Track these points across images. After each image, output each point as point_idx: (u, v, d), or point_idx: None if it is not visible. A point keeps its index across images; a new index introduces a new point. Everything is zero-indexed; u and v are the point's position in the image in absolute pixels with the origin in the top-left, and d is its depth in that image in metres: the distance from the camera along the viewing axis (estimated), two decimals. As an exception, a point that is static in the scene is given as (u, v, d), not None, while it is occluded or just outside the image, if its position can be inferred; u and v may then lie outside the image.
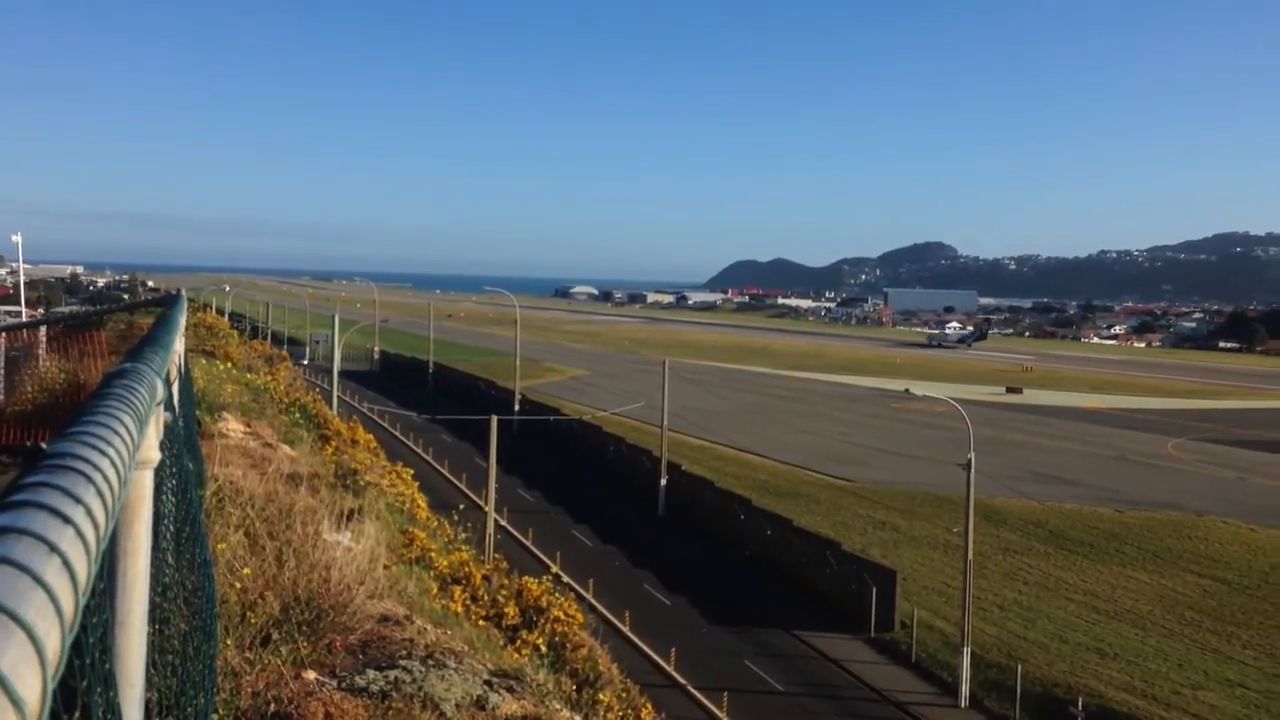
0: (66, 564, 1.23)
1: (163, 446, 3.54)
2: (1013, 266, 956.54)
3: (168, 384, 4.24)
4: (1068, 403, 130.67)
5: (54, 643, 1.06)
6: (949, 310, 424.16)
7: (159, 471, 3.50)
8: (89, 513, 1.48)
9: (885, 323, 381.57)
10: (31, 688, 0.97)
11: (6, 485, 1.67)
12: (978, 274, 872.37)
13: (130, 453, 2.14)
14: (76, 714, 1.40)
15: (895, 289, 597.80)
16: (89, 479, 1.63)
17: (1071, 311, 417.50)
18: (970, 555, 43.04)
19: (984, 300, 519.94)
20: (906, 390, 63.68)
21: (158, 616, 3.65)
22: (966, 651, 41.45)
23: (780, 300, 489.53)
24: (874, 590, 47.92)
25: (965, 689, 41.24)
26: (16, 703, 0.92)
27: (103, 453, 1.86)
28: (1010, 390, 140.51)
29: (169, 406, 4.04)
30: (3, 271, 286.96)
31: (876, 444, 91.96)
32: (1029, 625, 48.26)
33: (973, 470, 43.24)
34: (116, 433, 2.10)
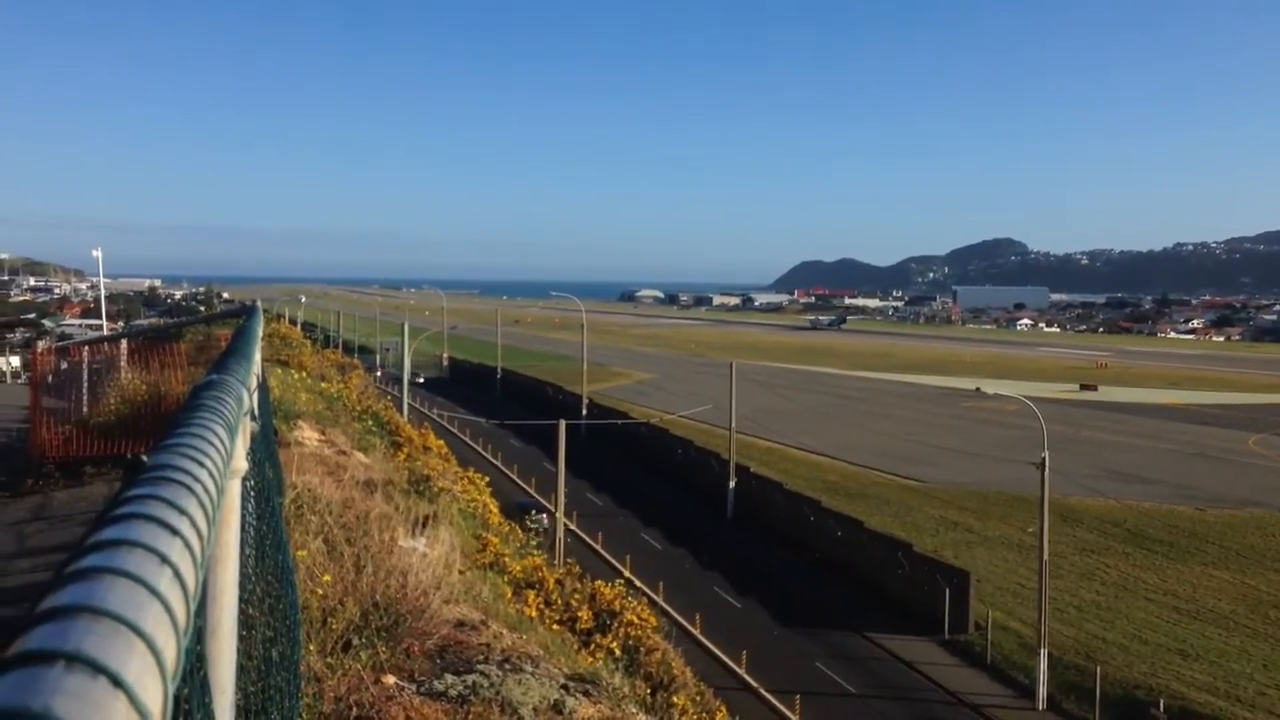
0: (178, 575, 1.26)
1: (249, 456, 3.61)
2: (1085, 261, 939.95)
3: (251, 394, 4.32)
4: (1144, 399, 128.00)
5: (171, 653, 1.08)
6: (1019, 307, 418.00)
7: (245, 480, 3.57)
8: (193, 523, 1.51)
9: (954, 321, 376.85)
10: (154, 698, 1.00)
11: (110, 496, 1.72)
12: (1049, 270, 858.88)
13: (225, 463, 2.18)
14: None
15: (964, 286, 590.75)
16: (190, 490, 1.67)
17: (1147, 306, 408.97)
18: (1046, 555, 42.35)
19: (1056, 296, 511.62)
20: (977, 389, 62.97)
21: (244, 623, 3.71)
22: (1044, 653, 40.78)
23: (847, 300, 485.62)
24: (947, 592, 47.37)
25: (1042, 691, 40.57)
26: (143, 713, 0.96)
27: (200, 464, 1.90)
28: (1084, 387, 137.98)
29: (254, 416, 4.12)
30: (84, 286, 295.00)
31: (947, 443, 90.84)
32: (1108, 626, 47.37)
33: (1047, 469, 42.55)
34: (212, 443, 2.14)
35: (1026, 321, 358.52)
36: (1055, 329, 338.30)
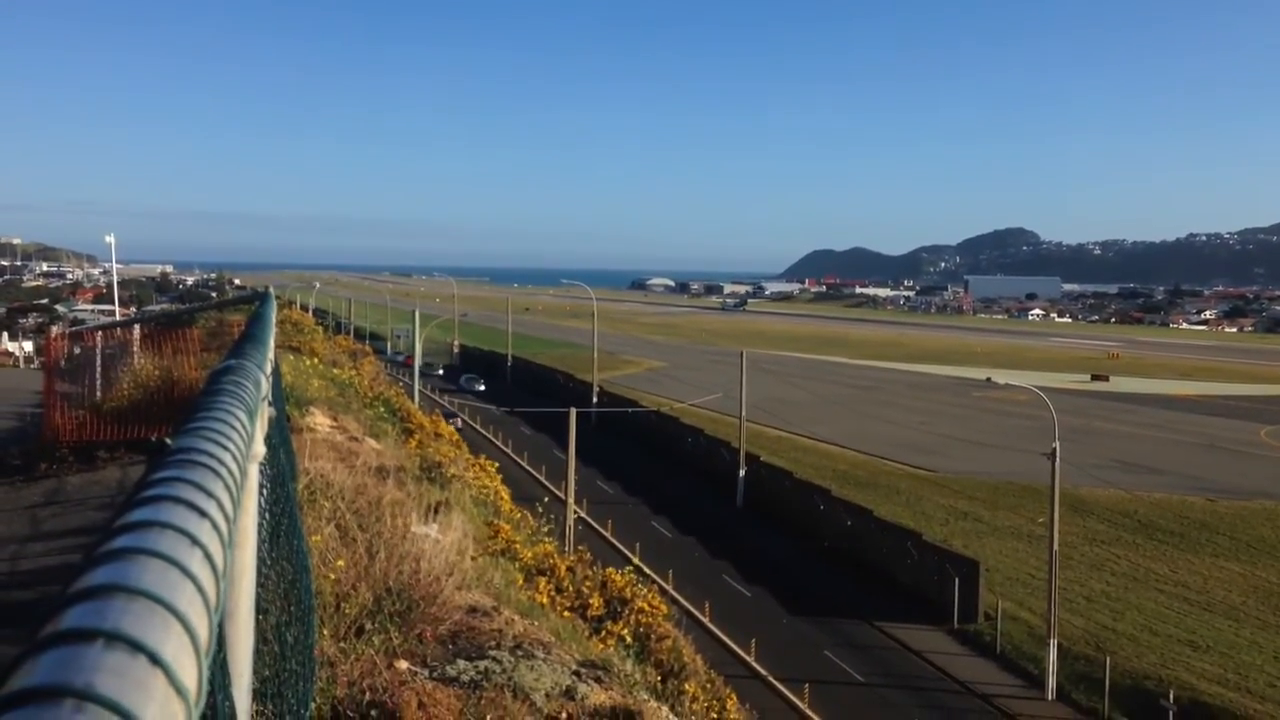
0: (208, 555, 1.27)
1: (267, 440, 3.62)
2: (1097, 252, 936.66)
3: (268, 380, 4.33)
4: (1156, 390, 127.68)
5: (204, 632, 1.09)
6: (1031, 297, 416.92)
7: (261, 465, 3.58)
8: (220, 506, 1.52)
9: (965, 310, 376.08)
10: (190, 676, 1.01)
11: (124, 480, 1.73)
12: (1061, 260, 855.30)
13: (247, 446, 2.20)
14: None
15: (976, 276, 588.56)
16: (216, 473, 1.68)
17: (1159, 296, 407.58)
18: (1055, 545, 42.28)
19: (1068, 286, 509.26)
20: (988, 379, 62.73)
21: (259, 607, 3.73)
22: (1053, 643, 40.75)
23: (858, 289, 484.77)
24: (956, 581, 47.35)
25: (1052, 681, 40.56)
26: (180, 691, 0.97)
27: (224, 447, 1.92)
28: (1096, 378, 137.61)
29: (272, 401, 4.13)
30: (97, 272, 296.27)
31: (957, 433, 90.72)
32: (1117, 617, 47.32)
33: (1058, 459, 42.45)
34: (234, 428, 2.16)
35: (1038, 312, 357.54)
36: (1067, 319, 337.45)
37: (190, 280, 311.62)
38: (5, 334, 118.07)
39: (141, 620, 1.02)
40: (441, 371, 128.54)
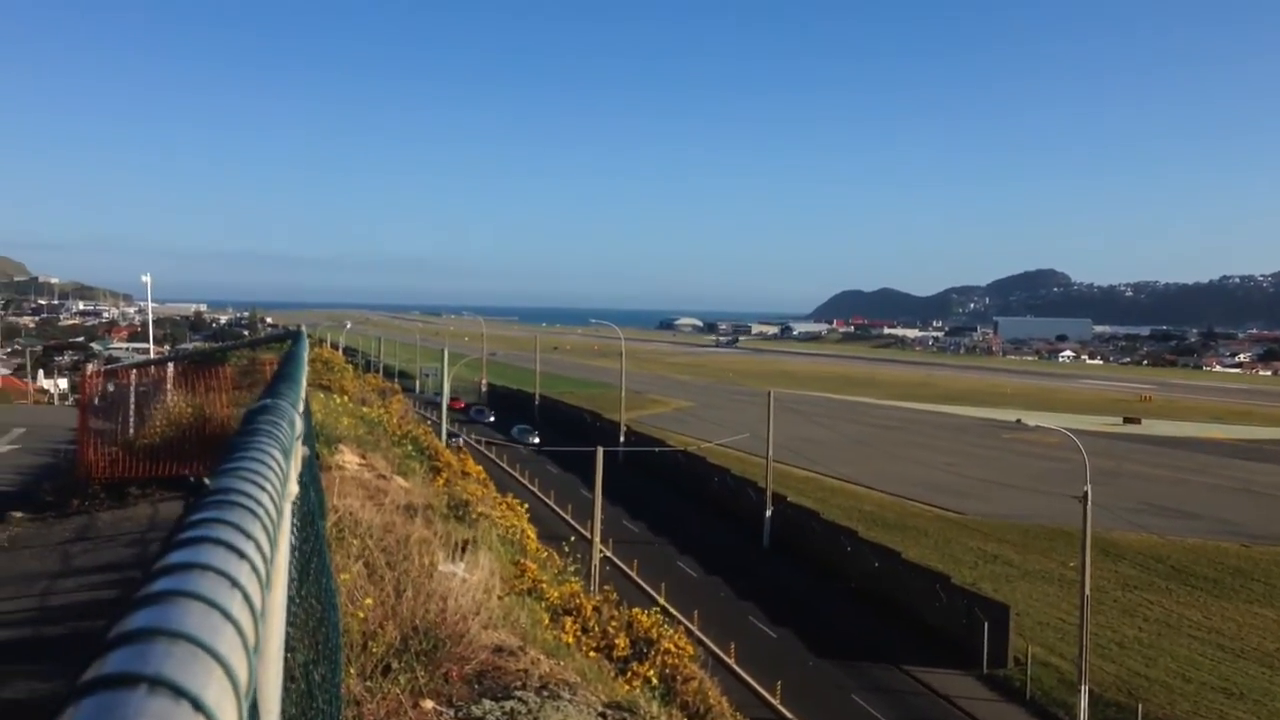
0: (247, 598, 1.30)
1: (299, 478, 3.66)
2: (1129, 293, 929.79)
3: (302, 418, 4.38)
4: (1189, 433, 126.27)
5: (244, 676, 1.12)
6: (1061, 339, 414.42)
7: (293, 503, 3.62)
8: (259, 547, 1.55)
9: (995, 351, 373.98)
10: (229, 713, 1.02)
11: (177, 518, 1.76)
12: (1092, 301, 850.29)
13: (283, 487, 2.23)
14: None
15: (1005, 318, 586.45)
16: (254, 514, 1.71)
17: (1192, 339, 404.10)
18: (1087, 590, 41.77)
19: (1099, 328, 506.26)
20: (1018, 421, 62.23)
21: (288, 645, 3.76)
22: (1084, 690, 40.17)
23: (886, 330, 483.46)
24: (986, 625, 46.79)
25: (1084, 729, 39.96)
26: (220, 736, 0.98)
27: (261, 488, 1.95)
28: (1128, 420, 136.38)
29: (306, 441, 4.18)
30: (132, 310, 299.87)
31: (987, 475, 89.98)
32: (1150, 663, 46.61)
33: (1089, 502, 42.04)
34: (271, 468, 2.19)
35: (1069, 353, 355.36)
36: (1098, 361, 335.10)
37: (223, 319, 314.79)
38: (41, 371, 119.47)
39: (184, 665, 1.02)
40: (492, 419, 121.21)
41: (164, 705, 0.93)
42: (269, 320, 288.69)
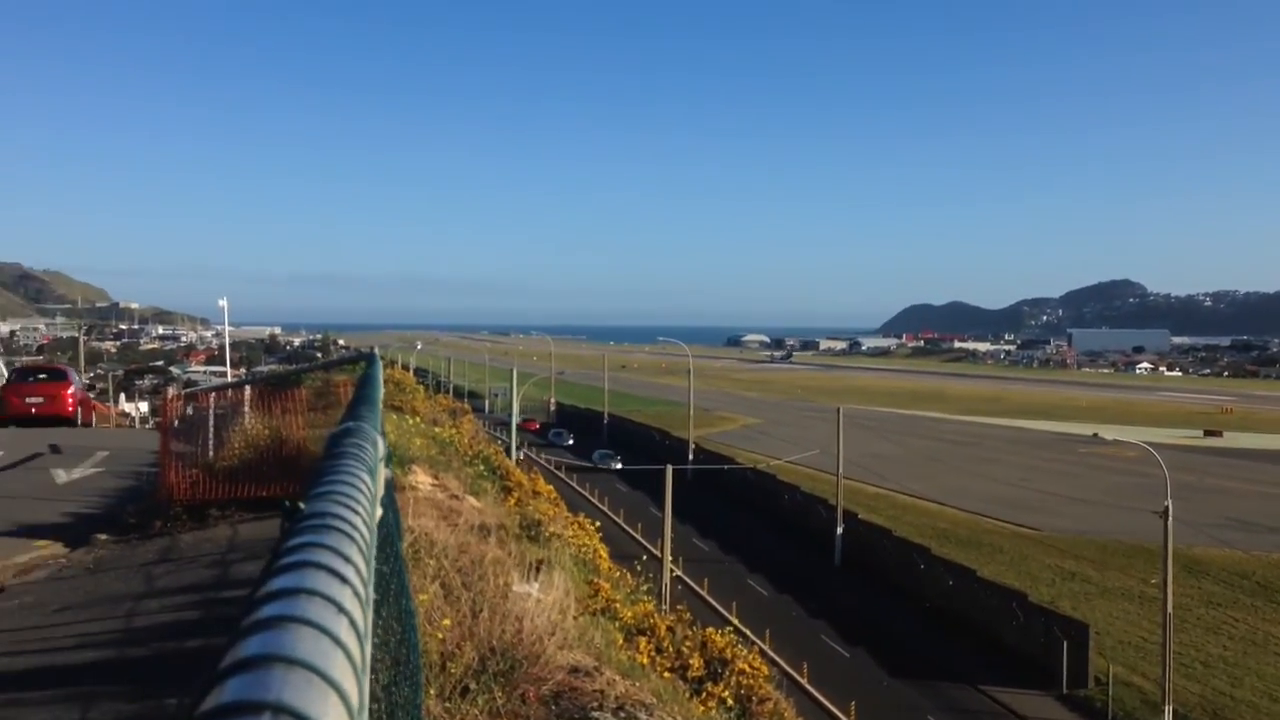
0: (353, 623, 1.30)
1: (382, 502, 3.69)
2: (1208, 303, 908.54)
3: (384, 439, 4.42)
4: (1272, 445, 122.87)
5: (355, 701, 1.12)
6: (1138, 350, 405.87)
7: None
8: (357, 571, 1.55)
9: (1069, 364, 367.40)
10: (346, 747, 1.02)
11: (275, 542, 1.78)
12: (1169, 312, 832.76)
13: (373, 509, 2.24)
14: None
15: (1079, 330, 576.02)
16: (351, 537, 1.72)
17: (1275, 349, 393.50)
18: (1170, 608, 40.80)
19: (1177, 339, 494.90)
20: (1095, 434, 61.14)
21: (370, 666, 3.79)
22: (1169, 710, 39.20)
23: (957, 344, 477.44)
24: (1064, 644, 45.86)
25: (1169, 751, 38.97)
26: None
27: (355, 510, 1.96)
28: (1209, 433, 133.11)
29: (385, 463, 4.21)
30: (209, 334, 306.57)
31: (1063, 490, 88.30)
32: (1236, 683, 45.33)
33: (1170, 517, 41.09)
34: (361, 490, 2.20)
35: (1146, 365, 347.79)
36: (1177, 373, 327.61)
37: (297, 341, 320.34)
38: (123, 395, 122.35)
39: (302, 692, 1.02)
40: (571, 441, 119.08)
41: None
42: (341, 342, 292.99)
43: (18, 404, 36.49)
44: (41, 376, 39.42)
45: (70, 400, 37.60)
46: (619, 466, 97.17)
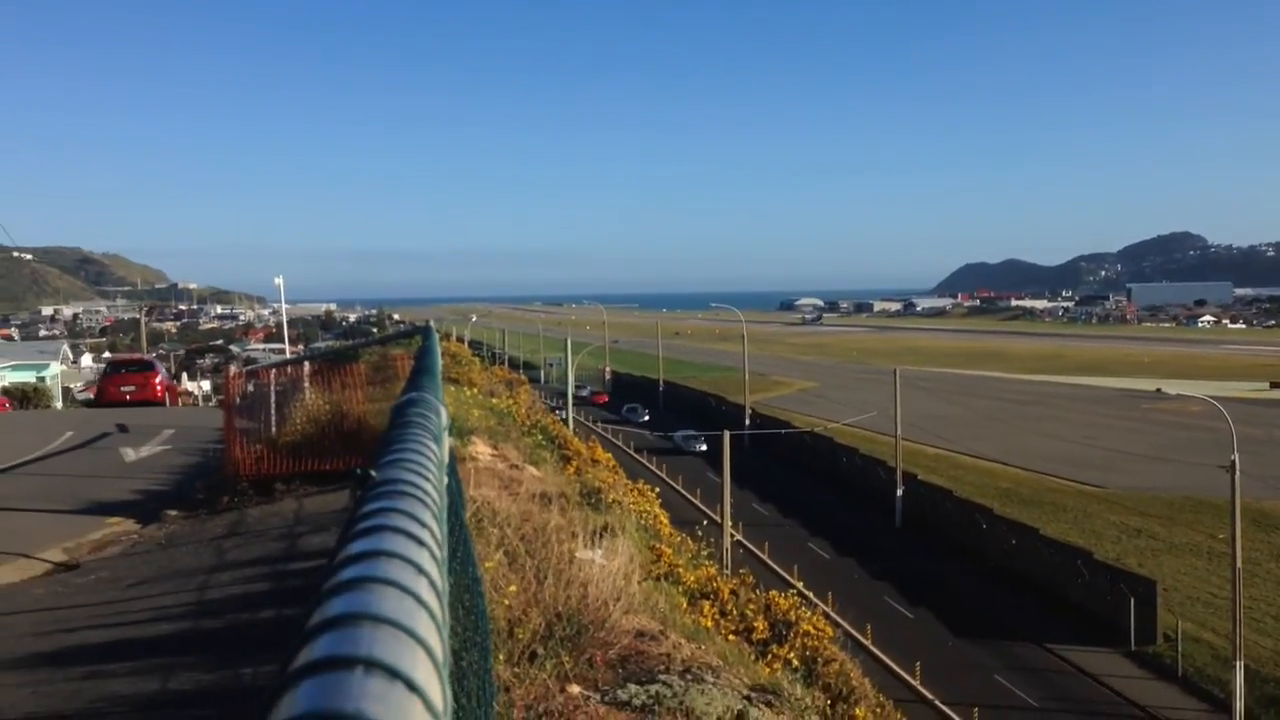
0: (432, 583, 1.31)
1: (445, 471, 3.72)
2: (1271, 253, 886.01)
3: (446, 409, 4.46)
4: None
5: (441, 657, 1.12)
6: (1200, 303, 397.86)
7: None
8: (433, 534, 1.56)
9: (1129, 320, 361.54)
10: (439, 700, 1.04)
11: (351, 508, 1.79)
12: (1231, 263, 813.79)
13: (440, 475, 2.26)
14: None
15: (1139, 284, 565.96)
16: (424, 502, 1.73)
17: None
18: (1239, 562, 40.15)
19: (1240, 291, 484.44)
20: (1158, 390, 60.22)
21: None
22: (1240, 665, 38.62)
23: (1014, 302, 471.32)
24: (1131, 601, 45.38)
25: (1239, 705, 38.42)
26: (436, 715, 1.01)
27: (424, 477, 1.97)
28: (1275, 385, 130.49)
29: (450, 432, 4.25)
30: (266, 312, 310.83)
31: (1126, 447, 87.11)
32: (1310, 638, 44.67)
33: (1237, 471, 40.38)
34: (428, 458, 2.22)
35: (1209, 318, 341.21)
36: (1240, 325, 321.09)
37: (352, 317, 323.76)
38: (185, 374, 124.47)
39: (392, 648, 1.04)
40: (647, 417, 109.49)
41: (381, 686, 0.96)
42: (396, 317, 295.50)
43: (114, 392, 42.51)
44: (133, 367, 45.69)
45: (159, 387, 43.31)
46: (703, 448, 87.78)
